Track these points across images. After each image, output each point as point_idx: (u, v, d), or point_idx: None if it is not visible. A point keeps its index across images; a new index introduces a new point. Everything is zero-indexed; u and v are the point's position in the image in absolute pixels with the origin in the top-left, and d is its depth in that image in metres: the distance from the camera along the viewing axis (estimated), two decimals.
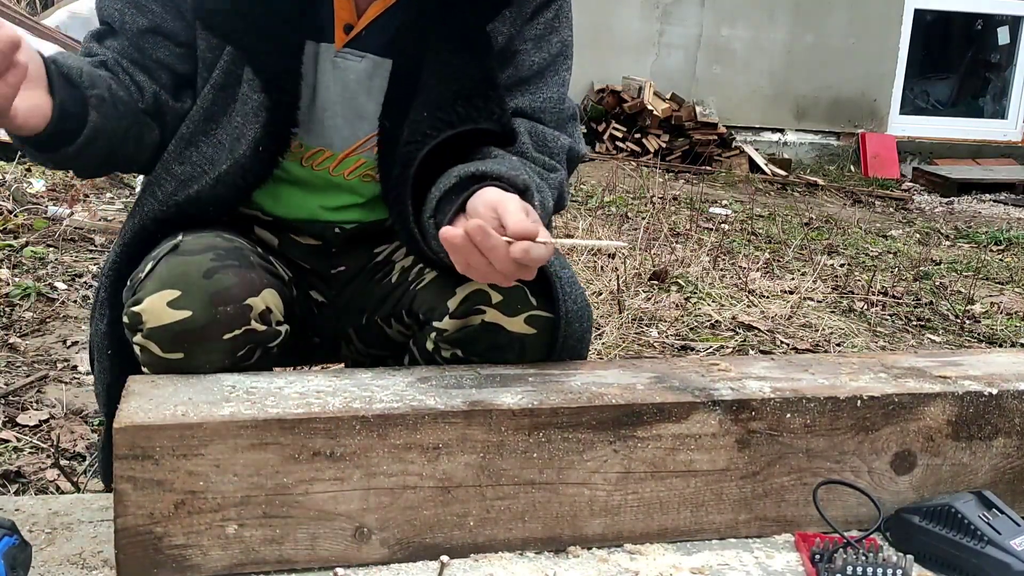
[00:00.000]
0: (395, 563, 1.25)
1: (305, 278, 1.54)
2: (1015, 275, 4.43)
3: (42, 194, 4.00)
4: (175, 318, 1.23)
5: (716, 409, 1.32)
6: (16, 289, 2.78)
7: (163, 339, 1.24)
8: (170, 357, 1.25)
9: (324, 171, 1.48)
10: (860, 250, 4.71)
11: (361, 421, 1.20)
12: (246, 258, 1.32)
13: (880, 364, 1.52)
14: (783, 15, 7.59)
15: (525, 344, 1.38)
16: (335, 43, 1.43)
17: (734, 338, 2.98)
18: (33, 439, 1.93)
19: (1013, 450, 1.45)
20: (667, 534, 1.35)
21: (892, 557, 1.25)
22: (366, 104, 1.45)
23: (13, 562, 1.12)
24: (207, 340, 1.25)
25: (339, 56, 1.43)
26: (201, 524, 1.17)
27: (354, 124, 1.46)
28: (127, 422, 1.14)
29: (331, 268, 1.55)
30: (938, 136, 8.08)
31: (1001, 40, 8.39)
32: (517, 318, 1.35)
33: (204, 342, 1.25)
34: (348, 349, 1.61)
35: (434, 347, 1.42)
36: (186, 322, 1.23)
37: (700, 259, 3.92)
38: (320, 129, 1.45)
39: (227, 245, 1.32)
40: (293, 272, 1.51)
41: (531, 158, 1.42)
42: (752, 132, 7.67)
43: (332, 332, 1.58)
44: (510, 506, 1.28)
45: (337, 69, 1.44)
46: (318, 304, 1.56)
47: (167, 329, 1.23)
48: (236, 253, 1.31)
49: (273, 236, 1.52)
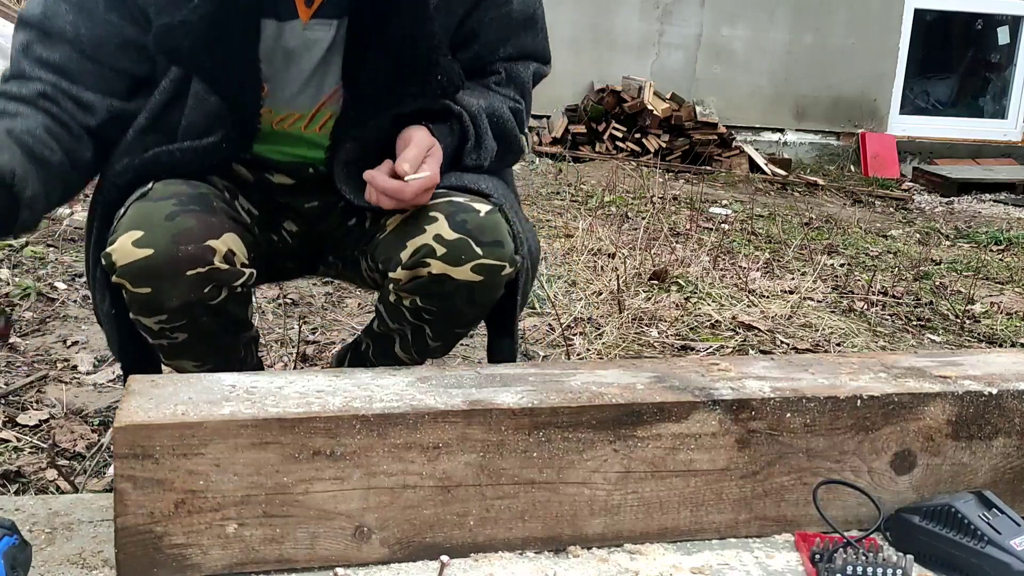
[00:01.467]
0: (395, 563, 1.25)
1: (280, 211, 1.62)
2: (1015, 275, 4.42)
3: None
4: (139, 256, 1.31)
5: (716, 409, 1.32)
6: (16, 289, 2.78)
7: (132, 275, 1.33)
8: (140, 292, 1.34)
9: (296, 130, 1.55)
10: (860, 250, 4.71)
11: (361, 420, 1.20)
12: (208, 204, 1.39)
13: (880, 364, 1.52)
14: (783, 15, 7.59)
15: (473, 290, 1.42)
16: (301, 18, 1.47)
17: (734, 338, 2.98)
18: (33, 439, 1.92)
19: (1013, 450, 1.45)
20: (667, 534, 1.35)
21: (892, 557, 1.25)
22: (332, 63, 1.50)
23: (13, 562, 1.12)
24: (171, 276, 1.32)
25: (308, 30, 1.48)
26: (201, 523, 1.17)
27: (321, 83, 1.52)
28: (127, 421, 1.14)
29: (304, 203, 1.62)
30: (938, 136, 8.07)
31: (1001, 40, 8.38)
32: (463, 267, 1.39)
33: (168, 278, 1.32)
34: (327, 268, 1.73)
35: (396, 298, 1.47)
36: (150, 259, 1.31)
37: (700, 259, 3.92)
38: (289, 97, 1.52)
39: (191, 192, 1.39)
40: (268, 205, 1.59)
41: None
42: (752, 132, 7.66)
43: (307, 258, 1.70)
44: (510, 506, 1.28)
45: (307, 42, 1.48)
46: (291, 234, 1.64)
47: (133, 266, 1.32)
48: (199, 199, 1.39)
49: (249, 173, 1.59)
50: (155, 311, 1.37)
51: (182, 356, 1.50)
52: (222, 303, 1.39)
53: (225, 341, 1.52)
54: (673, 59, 7.52)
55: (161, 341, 1.45)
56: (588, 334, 2.87)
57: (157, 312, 1.37)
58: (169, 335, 1.42)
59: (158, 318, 1.38)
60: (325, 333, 2.77)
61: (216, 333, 1.46)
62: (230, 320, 1.46)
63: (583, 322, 2.98)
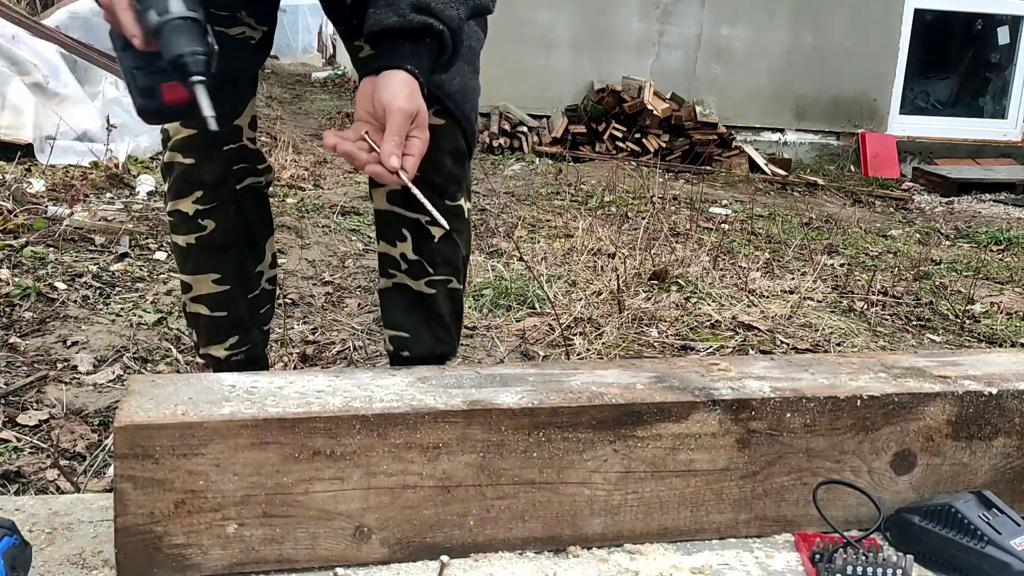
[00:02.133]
0: (395, 563, 1.25)
1: None
2: (1015, 275, 4.43)
3: (42, 194, 4.00)
4: (186, 133, 1.58)
5: (716, 409, 1.32)
6: (16, 289, 2.78)
7: (182, 147, 1.59)
8: (185, 162, 1.60)
9: None
10: (860, 250, 4.71)
11: (361, 421, 1.20)
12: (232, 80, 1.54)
13: (880, 364, 1.52)
14: (783, 15, 7.59)
15: (438, 133, 1.50)
16: None
17: (734, 338, 2.98)
18: (33, 439, 1.92)
19: (1013, 450, 1.45)
20: (667, 534, 1.35)
21: (892, 557, 1.25)
22: None
23: (13, 562, 1.12)
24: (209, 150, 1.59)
25: None
26: (201, 523, 1.17)
27: None
28: (127, 421, 1.14)
29: None
30: (938, 136, 8.07)
31: (1001, 40, 8.38)
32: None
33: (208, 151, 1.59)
34: None
35: None
36: (195, 135, 1.57)
37: (700, 259, 3.92)
38: None
39: None
40: None
41: None
42: (752, 132, 7.67)
43: None
44: (510, 506, 1.28)
45: None
46: None
47: (182, 140, 1.58)
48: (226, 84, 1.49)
49: None
50: (194, 186, 1.60)
51: (205, 266, 1.66)
52: (247, 188, 1.65)
53: (245, 252, 1.69)
54: (673, 59, 7.52)
55: (190, 239, 1.63)
56: (588, 334, 2.87)
57: (196, 188, 1.60)
58: (200, 224, 1.62)
59: (196, 195, 1.60)
60: (325, 333, 2.77)
61: (238, 231, 1.66)
62: (251, 217, 1.68)
63: (583, 322, 2.98)
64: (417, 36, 1.38)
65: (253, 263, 1.74)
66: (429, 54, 1.40)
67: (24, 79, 5.04)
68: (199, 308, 1.70)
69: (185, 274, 1.70)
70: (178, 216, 1.65)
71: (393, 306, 1.67)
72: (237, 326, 1.73)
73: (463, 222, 1.66)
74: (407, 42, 1.38)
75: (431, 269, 1.62)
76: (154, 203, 4.18)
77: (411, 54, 1.38)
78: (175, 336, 2.61)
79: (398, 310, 1.66)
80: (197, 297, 1.69)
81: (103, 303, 2.82)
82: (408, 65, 1.36)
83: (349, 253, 3.76)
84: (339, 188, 4.99)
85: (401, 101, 1.34)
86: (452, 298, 1.67)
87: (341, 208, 4.46)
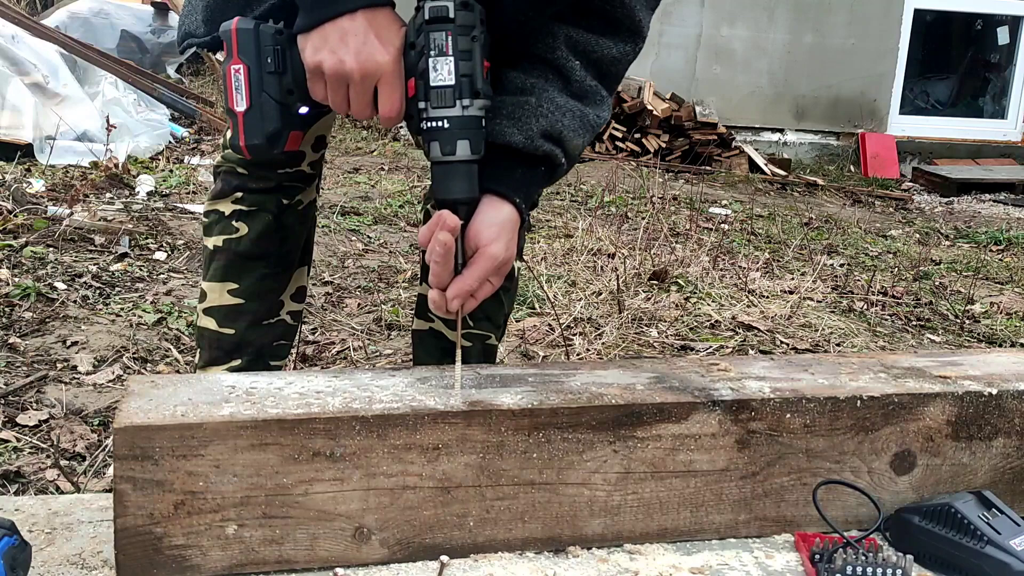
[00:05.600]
0: (395, 563, 1.25)
1: None
2: (1015, 275, 4.43)
3: (42, 194, 4.00)
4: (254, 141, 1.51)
5: (716, 409, 1.32)
6: (16, 289, 2.78)
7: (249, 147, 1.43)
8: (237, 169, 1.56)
9: None
10: (860, 250, 4.71)
11: (361, 421, 1.20)
12: None
13: (880, 364, 1.52)
14: (783, 15, 7.59)
15: None
16: None
17: (734, 338, 2.98)
18: (33, 439, 1.92)
19: (1013, 450, 1.45)
20: (667, 534, 1.35)
21: (892, 557, 1.25)
22: None
23: (13, 562, 1.12)
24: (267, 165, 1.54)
25: None
26: (201, 524, 1.17)
27: None
28: (127, 422, 1.14)
29: None
30: (938, 136, 8.08)
31: (1001, 40, 8.39)
32: None
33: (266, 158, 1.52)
34: None
35: None
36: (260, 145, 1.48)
37: (700, 259, 3.92)
38: None
39: None
40: None
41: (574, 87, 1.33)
42: (752, 132, 7.67)
43: None
44: (510, 506, 1.28)
45: None
46: None
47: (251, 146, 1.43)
48: None
49: None
50: (237, 188, 1.54)
51: (225, 273, 1.57)
52: (294, 204, 1.57)
53: (271, 272, 1.60)
54: (673, 59, 7.52)
55: (218, 240, 1.56)
56: (588, 334, 2.87)
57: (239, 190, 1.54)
58: (232, 225, 1.55)
59: (236, 195, 1.55)
60: (325, 333, 2.77)
61: (271, 245, 1.58)
62: (288, 235, 1.59)
63: (583, 322, 2.98)
64: (535, 162, 1.28)
65: (277, 287, 1.63)
66: (540, 183, 1.30)
67: (24, 79, 5.04)
68: (208, 322, 1.60)
69: (204, 280, 1.61)
70: (213, 216, 1.58)
71: (426, 350, 1.64)
72: (242, 350, 1.61)
73: (512, 281, 1.63)
74: (522, 168, 1.27)
75: (471, 323, 1.57)
76: (154, 203, 4.18)
77: (523, 182, 1.27)
78: (175, 336, 2.61)
79: (431, 356, 1.62)
80: (209, 309, 1.59)
81: (103, 303, 2.82)
82: (517, 197, 1.25)
83: (349, 253, 3.76)
84: (339, 188, 4.99)
85: (498, 248, 1.23)
86: (487, 353, 1.64)
87: (341, 208, 4.46)
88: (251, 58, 1.19)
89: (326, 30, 1.16)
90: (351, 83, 1.17)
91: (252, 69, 1.19)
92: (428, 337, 1.65)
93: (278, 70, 1.20)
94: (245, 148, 1.23)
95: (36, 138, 4.81)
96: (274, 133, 1.22)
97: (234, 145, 1.27)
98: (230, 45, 1.19)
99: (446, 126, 1.18)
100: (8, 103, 4.87)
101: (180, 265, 3.29)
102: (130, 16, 8.24)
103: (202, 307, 1.61)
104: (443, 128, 1.18)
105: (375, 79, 1.17)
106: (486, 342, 1.63)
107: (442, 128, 1.18)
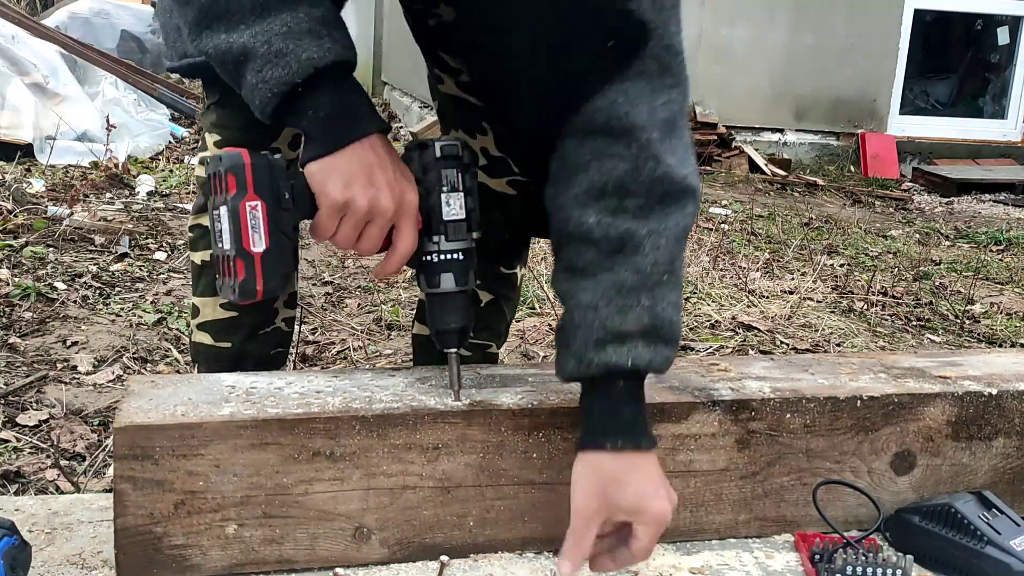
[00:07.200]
0: (395, 563, 1.25)
1: None
2: (1015, 275, 4.42)
3: (42, 194, 4.00)
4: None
5: (716, 409, 1.32)
6: (16, 289, 2.78)
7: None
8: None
9: None
10: (860, 250, 4.71)
11: (361, 421, 1.20)
12: None
13: (880, 364, 1.52)
14: (783, 15, 7.59)
15: (508, 202, 1.48)
16: None
17: (734, 338, 2.98)
18: (33, 439, 1.92)
19: (1013, 450, 1.45)
20: (667, 534, 1.34)
21: (892, 557, 1.25)
22: None
23: (13, 562, 1.12)
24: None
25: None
26: (201, 524, 1.17)
27: None
28: (127, 422, 1.14)
29: None
30: (938, 136, 8.07)
31: (1001, 40, 8.38)
32: (500, 179, 1.47)
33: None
34: None
35: None
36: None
37: (700, 259, 3.92)
38: None
39: None
40: None
41: None
42: (752, 132, 7.66)
43: None
44: (510, 506, 1.28)
45: None
46: None
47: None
48: None
49: None
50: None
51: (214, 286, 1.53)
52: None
53: None
54: None
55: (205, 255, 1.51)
56: None
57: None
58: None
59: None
60: (325, 333, 2.77)
61: None
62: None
63: None
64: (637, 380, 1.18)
65: None
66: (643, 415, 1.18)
67: (24, 79, 5.04)
68: (202, 337, 1.56)
69: (195, 295, 1.57)
70: (198, 231, 1.53)
71: (427, 356, 1.62)
72: (240, 362, 1.57)
73: (514, 289, 1.63)
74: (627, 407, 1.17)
75: (472, 333, 1.55)
76: (154, 203, 4.18)
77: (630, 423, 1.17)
78: (175, 336, 2.61)
79: (431, 361, 1.60)
80: (203, 324, 1.55)
81: (103, 303, 2.82)
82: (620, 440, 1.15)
83: (349, 253, 3.76)
84: None
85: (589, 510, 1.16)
86: (487, 360, 1.63)
87: None
88: (267, 195, 1.12)
89: (347, 161, 1.12)
90: (377, 220, 1.14)
91: (270, 208, 1.12)
92: (428, 343, 1.64)
93: (291, 207, 1.14)
94: (261, 292, 1.13)
95: (36, 138, 4.81)
96: (288, 274, 1.17)
97: (246, 290, 1.13)
98: (242, 180, 1.11)
99: (460, 258, 1.22)
100: (8, 103, 4.87)
101: (180, 265, 3.29)
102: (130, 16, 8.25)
103: (196, 322, 1.58)
104: (458, 260, 1.22)
105: (404, 217, 1.16)
106: (487, 351, 1.63)
107: (457, 260, 1.22)
